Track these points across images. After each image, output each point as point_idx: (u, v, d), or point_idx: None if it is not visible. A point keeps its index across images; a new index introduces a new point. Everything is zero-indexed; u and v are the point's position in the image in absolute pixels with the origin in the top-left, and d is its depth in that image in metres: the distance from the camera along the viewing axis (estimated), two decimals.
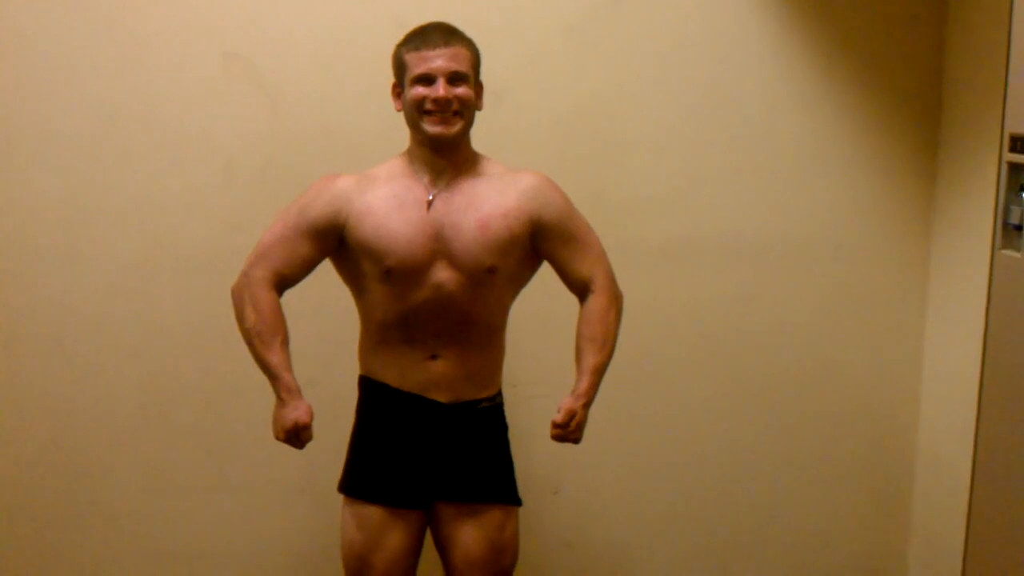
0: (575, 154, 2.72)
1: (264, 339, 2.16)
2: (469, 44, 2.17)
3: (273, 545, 2.79)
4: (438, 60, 2.11)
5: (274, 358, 2.16)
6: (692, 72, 2.74)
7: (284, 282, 2.22)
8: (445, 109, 2.11)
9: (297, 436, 2.16)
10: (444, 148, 2.16)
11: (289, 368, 2.17)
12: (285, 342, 2.19)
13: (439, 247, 2.15)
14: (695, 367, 2.87)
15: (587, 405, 2.16)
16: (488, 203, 2.16)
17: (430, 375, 2.21)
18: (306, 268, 2.22)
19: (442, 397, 2.22)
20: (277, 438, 2.19)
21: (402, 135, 2.37)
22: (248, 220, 2.62)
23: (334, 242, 2.20)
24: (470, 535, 2.25)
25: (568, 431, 2.13)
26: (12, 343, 2.62)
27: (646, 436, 2.89)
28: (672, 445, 2.90)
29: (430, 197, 2.17)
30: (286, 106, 2.60)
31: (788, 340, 2.89)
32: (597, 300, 2.21)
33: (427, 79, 2.12)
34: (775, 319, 2.88)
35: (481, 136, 2.24)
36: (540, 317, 2.56)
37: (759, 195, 2.81)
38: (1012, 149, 1.85)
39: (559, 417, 2.13)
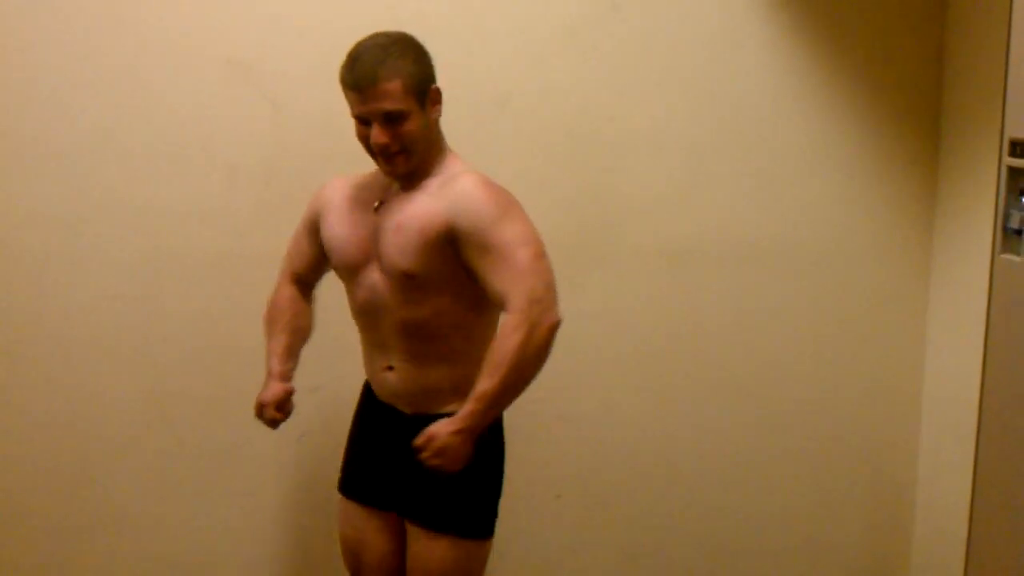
0: (577, 157, 2.73)
1: (269, 327, 2.27)
2: (401, 68, 1.99)
3: (276, 550, 2.79)
4: (368, 103, 1.99)
5: (270, 343, 2.25)
6: (693, 75, 2.75)
7: (301, 279, 2.32)
8: (387, 151, 2.03)
9: (261, 414, 2.20)
10: (401, 177, 2.11)
11: (280, 353, 2.23)
12: (286, 329, 2.25)
13: (373, 249, 2.13)
14: (696, 370, 2.87)
15: (462, 432, 1.96)
16: (416, 207, 2.06)
17: (390, 385, 2.19)
18: (313, 264, 2.29)
19: (404, 408, 2.18)
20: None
21: None
22: (251, 226, 2.64)
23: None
24: (418, 558, 2.17)
25: (424, 455, 1.97)
26: (14, 349, 2.62)
27: (647, 440, 2.89)
28: (673, 448, 2.90)
29: (377, 202, 2.14)
30: (288, 112, 2.61)
31: (789, 344, 2.90)
32: (507, 321, 1.98)
33: (365, 120, 2.03)
34: (776, 323, 2.88)
35: (484, 140, 2.25)
36: None
37: (760, 200, 2.82)
38: (1012, 153, 1.85)
39: (418, 439, 1.98)
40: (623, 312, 2.81)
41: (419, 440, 1.97)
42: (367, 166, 2.43)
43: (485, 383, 1.96)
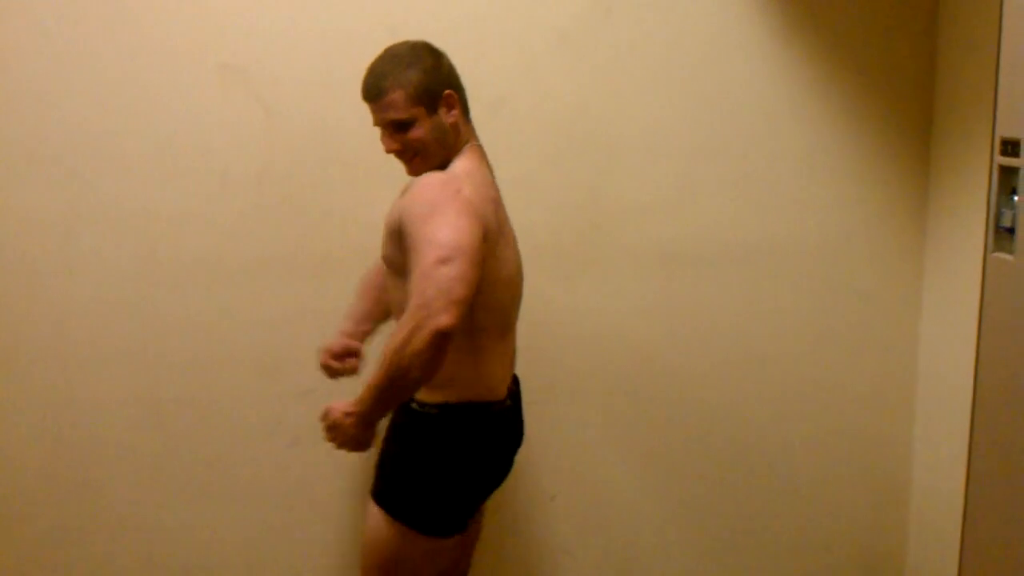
0: (571, 161, 2.73)
1: (356, 293, 2.46)
2: (404, 79, 2.12)
3: (270, 556, 2.79)
4: (376, 113, 2.16)
5: (350, 307, 2.42)
6: (686, 78, 2.75)
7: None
8: (400, 156, 2.18)
9: (324, 350, 2.36)
10: None
11: (354, 315, 2.42)
12: (370, 297, 2.42)
13: None
14: (689, 371, 2.88)
15: (352, 415, 2.07)
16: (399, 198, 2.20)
17: None
18: None
19: None
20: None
21: None
22: (244, 229, 2.64)
23: None
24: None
25: (323, 427, 2.14)
26: (9, 353, 2.62)
27: (644, 440, 2.89)
28: (669, 449, 2.91)
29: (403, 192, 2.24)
30: (281, 116, 2.61)
31: (783, 345, 2.90)
32: (401, 319, 2.01)
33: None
34: (770, 324, 2.89)
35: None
36: (534, 322, 2.56)
37: (753, 201, 2.82)
38: (1003, 153, 1.86)
39: (320, 412, 2.14)
40: (617, 314, 2.81)
41: (320, 414, 2.11)
42: (362, 173, 2.44)
43: (374, 375, 2.03)
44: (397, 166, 2.35)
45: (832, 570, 3.03)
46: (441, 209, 2.01)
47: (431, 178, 2.09)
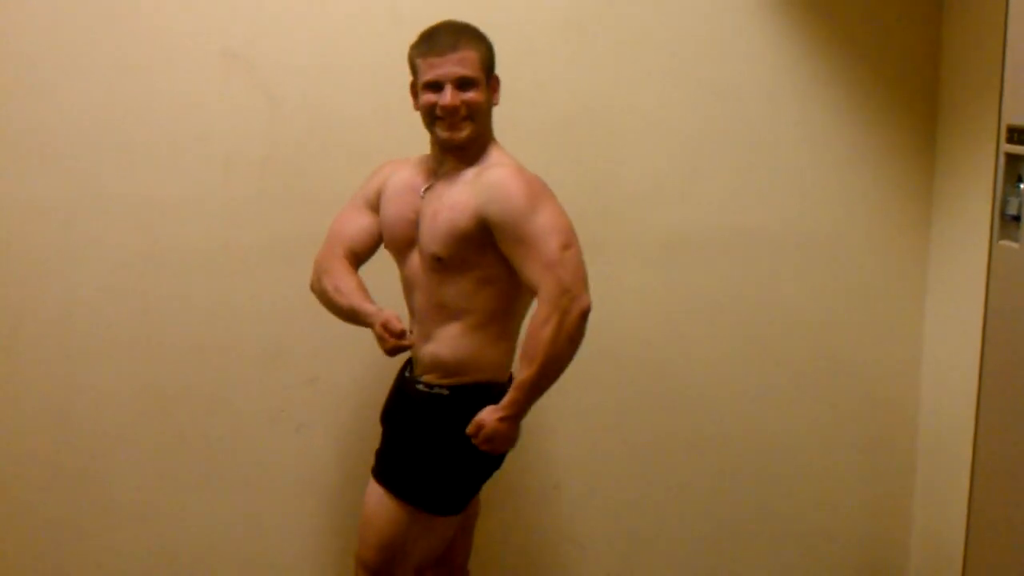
0: (575, 149, 2.72)
1: (337, 291, 2.27)
2: (479, 44, 2.19)
3: (276, 543, 2.79)
4: (445, 66, 2.14)
5: (350, 299, 2.24)
6: (690, 65, 2.74)
7: (354, 255, 2.34)
8: (454, 115, 2.16)
9: (389, 333, 2.13)
10: (454, 150, 2.21)
11: (367, 299, 2.23)
12: (360, 287, 2.27)
13: (415, 232, 2.24)
14: (694, 359, 2.88)
15: (507, 419, 2.13)
16: (452, 196, 2.19)
17: (416, 350, 2.27)
18: (370, 240, 2.34)
19: (417, 370, 2.29)
20: (388, 354, 2.18)
21: (400, 130, 2.38)
22: (247, 217, 2.63)
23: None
24: (366, 497, 2.31)
25: (476, 440, 2.15)
26: (11, 342, 2.62)
27: (646, 429, 2.89)
28: (672, 438, 2.91)
29: (424, 187, 2.25)
30: (284, 103, 2.60)
31: (788, 333, 2.90)
32: (537, 312, 2.10)
33: (436, 85, 2.16)
34: (775, 312, 2.88)
35: None
36: None
37: (758, 189, 2.82)
38: (1009, 140, 1.85)
39: (469, 427, 2.15)
40: (621, 302, 2.80)
41: (470, 428, 2.14)
42: (366, 160, 2.44)
43: (524, 372, 2.11)
44: (401, 151, 2.35)
45: (836, 559, 3.03)
46: (539, 199, 2.12)
47: (506, 170, 2.15)
